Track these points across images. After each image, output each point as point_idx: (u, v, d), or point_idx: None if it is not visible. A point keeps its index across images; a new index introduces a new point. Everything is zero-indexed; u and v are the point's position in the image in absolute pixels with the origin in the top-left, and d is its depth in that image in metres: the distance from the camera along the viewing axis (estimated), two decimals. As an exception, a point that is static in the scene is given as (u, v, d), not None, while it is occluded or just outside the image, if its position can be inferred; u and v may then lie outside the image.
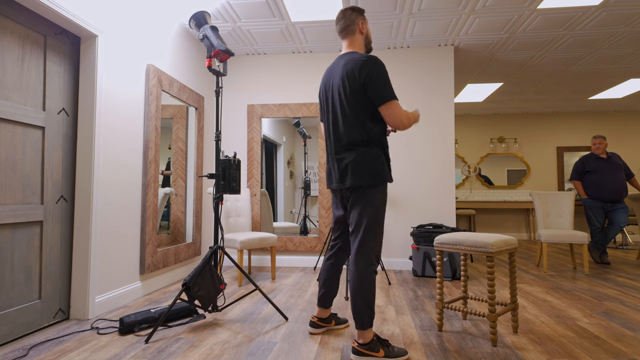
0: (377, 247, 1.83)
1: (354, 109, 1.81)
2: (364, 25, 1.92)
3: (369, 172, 1.79)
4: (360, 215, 1.81)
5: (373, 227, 1.80)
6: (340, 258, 2.09)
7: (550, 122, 7.24)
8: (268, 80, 4.36)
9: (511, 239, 2.09)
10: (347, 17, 1.90)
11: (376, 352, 1.76)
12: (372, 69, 1.74)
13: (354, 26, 1.90)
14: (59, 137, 2.32)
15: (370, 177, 1.79)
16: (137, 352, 1.87)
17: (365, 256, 1.79)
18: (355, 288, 1.79)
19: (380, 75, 1.74)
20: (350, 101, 1.81)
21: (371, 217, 1.80)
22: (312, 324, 2.12)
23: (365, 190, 1.81)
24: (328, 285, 2.08)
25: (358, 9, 1.93)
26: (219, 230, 3.04)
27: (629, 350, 1.91)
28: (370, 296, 1.78)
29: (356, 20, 1.90)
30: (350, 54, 1.87)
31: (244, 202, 3.83)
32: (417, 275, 3.70)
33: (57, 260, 2.29)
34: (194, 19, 2.37)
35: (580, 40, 3.93)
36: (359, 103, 1.80)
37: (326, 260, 2.11)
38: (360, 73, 1.76)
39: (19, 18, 2.05)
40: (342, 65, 1.86)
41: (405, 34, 3.83)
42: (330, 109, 1.92)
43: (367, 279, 1.78)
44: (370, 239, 1.80)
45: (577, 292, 3.10)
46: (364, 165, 1.79)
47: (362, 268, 1.78)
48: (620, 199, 4.27)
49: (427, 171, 4.10)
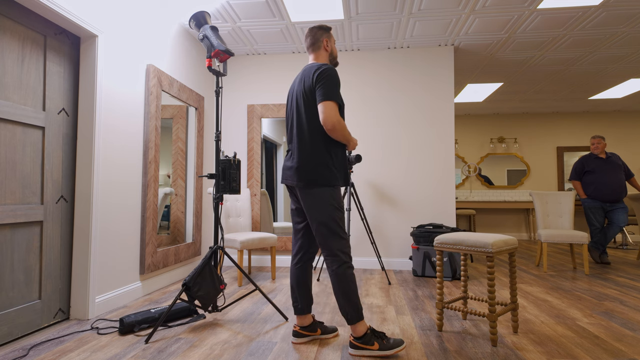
0: (342, 245, 1.87)
1: (306, 112, 1.91)
2: (328, 43, 2.06)
3: (313, 174, 1.86)
4: (315, 217, 1.87)
5: (331, 226, 1.86)
6: (305, 256, 2.04)
7: (550, 122, 7.24)
8: (268, 80, 4.36)
9: (511, 239, 2.09)
10: (313, 35, 2.05)
11: (371, 345, 1.82)
12: (324, 73, 1.86)
13: (319, 43, 2.04)
14: (59, 137, 2.32)
15: (314, 180, 1.86)
16: (137, 352, 1.87)
17: (333, 255, 1.86)
18: (335, 288, 1.86)
19: (329, 80, 1.85)
20: (304, 103, 1.92)
21: (325, 217, 1.85)
22: (295, 333, 2.02)
23: (313, 192, 1.87)
24: (300, 289, 2.02)
25: (325, 27, 2.06)
26: (219, 230, 3.04)
27: (629, 350, 1.92)
28: (350, 292, 1.83)
29: (321, 38, 2.04)
30: (311, 63, 2.00)
31: (244, 202, 3.83)
32: (417, 275, 3.70)
33: (57, 260, 2.29)
34: (194, 19, 2.37)
35: (580, 40, 3.93)
36: (310, 106, 1.90)
37: (292, 263, 2.06)
38: (314, 75, 1.88)
39: (19, 18, 2.05)
40: (302, 72, 2.00)
41: (405, 34, 3.83)
42: (291, 112, 2.03)
43: (343, 277, 1.84)
44: (332, 238, 1.86)
45: (577, 292, 3.10)
46: (309, 167, 1.87)
47: (334, 267, 1.85)
48: (619, 199, 4.27)
49: (427, 171, 4.10)
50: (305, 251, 2.04)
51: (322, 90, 1.84)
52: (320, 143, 1.89)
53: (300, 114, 1.93)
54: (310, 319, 2.03)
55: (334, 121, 1.81)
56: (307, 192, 1.88)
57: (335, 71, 1.89)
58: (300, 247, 2.04)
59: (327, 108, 1.82)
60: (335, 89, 1.85)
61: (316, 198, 1.86)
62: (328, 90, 1.83)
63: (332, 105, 1.82)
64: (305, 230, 2.04)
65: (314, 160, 1.87)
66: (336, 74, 1.89)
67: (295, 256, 2.05)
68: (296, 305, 2.02)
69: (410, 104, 4.17)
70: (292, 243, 2.10)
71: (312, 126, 1.89)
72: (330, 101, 1.82)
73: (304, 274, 2.04)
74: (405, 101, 4.18)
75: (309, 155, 1.88)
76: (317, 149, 1.88)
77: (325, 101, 1.82)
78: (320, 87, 1.85)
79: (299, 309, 2.01)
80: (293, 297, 2.03)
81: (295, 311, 2.02)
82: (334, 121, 1.81)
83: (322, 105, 1.83)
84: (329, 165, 1.88)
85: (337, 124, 1.82)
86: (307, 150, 1.89)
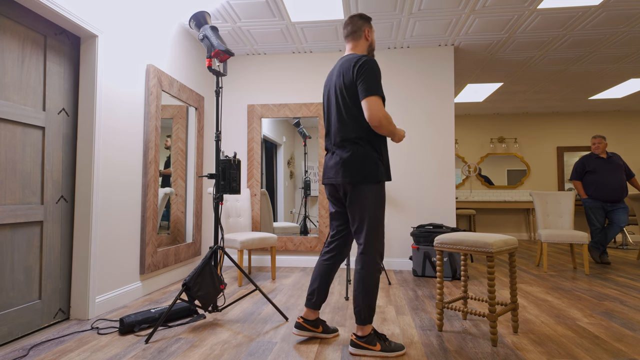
0: (380, 245, 1.85)
1: (349, 106, 1.85)
2: (369, 32, 1.98)
3: (360, 169, 1.81)
4: (359, 214, 1.83)
5: (373, 225, 1.82)
6: (337, 256, 2.02)
7: (550, 122, 7.24)
8: (268, 80, 4.36)
9: (511, 239, 2.09)
10: (354, 23, 1.96)
11: (373, 346, 1.81)
12: (365, 65, 1.79)
13: (360, 32, 1.96)
14: (59, 137, 2.32)
15: (361, 175, 1.81)
16: (137, 352, 1.87)
17: (369, 255, 1.82)
18: (359, 286, 1.82)
19: (371, 73, 1.78)
20: (345, 98, 1.85)
21: (369, 215, 1.82)
22: (297, 325, 2.01)
23: (358, 188, 1.82)
24: (320, 284, 2.00)
25: (366, 16, 1.99)
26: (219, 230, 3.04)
27: (629, 350, 1.91)
28: (372, 296, 1.82)
29: (363, 27, 1.96)
30: (350, 54, 1.92)
31: (244, 202, 3.83)
32: (417, 275, 3.70)
33: (57, 260, 2.29)
34: (194, 19, 2.37)
35: (580, 40, 3.93)
36: (353, 100, 1.84)
37: (322, 258, 2.03)
38: (354, 68, 1.81)
39: (19, 18, 2.05)
40: (340, 65, 1.92)
41: (405, 34, 3.83)
42: (328, 107, 1.98)
43: (371, 279, 1.81)
44: (372, 238, 1.82)
45: (577, 292, 3.10)
46: (356, 162, 1.82)
47: (367, 267, 1.82)
48: (620, 199, 4.27)
49: (427, 171, 4.10)
50: (339, 252, 2.02)
51: (364, 85, 1.77)
52: (365, 139, 1.83)
53: (341, 110, 1.87)
54: (317, 314, 2.05)
55: (380, 117, 1.75)
56: (354, 189, 1.83)
57: (376, 62, 1.81)
58: (335, 247, 2.02)
59: (372, 103, 1.75)
60: (378, 83, 1.78)
61: (362, 195, 1.82)
62: (371, 85, 1.76)
63: (377, 100, 1.76)
64: (345, 233, 2.01)
65: (360, 157, 1.82)
66: (377, 65, 1.81)
67: (327, 253, 2.03)
68: (310, 299, 2.01)
69: (410, 103, 4.17)
70: (327, 239, 2.06)
71: (356, 122, 1.83)
72: (374, 96, 1.76)
73: (330, 272, 2.02)
74: (406, 101, 4.18)
75: (354, 152, 1.83)
76: (362, 145, 1.83)
77: (370, 96, 1.75)
78: (362, 81, 1.77)
79: (312, 302, 2.00)
80: (310, 290, 2.02)
81: (307, 304, 2.01)
82: (381, 117, 1.75)
83: (367, 101, 1.76)
84: (375, 160, 1.82)
85: (383, 120, 1.76)
86: (351, 147, 1.84)
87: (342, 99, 1.86)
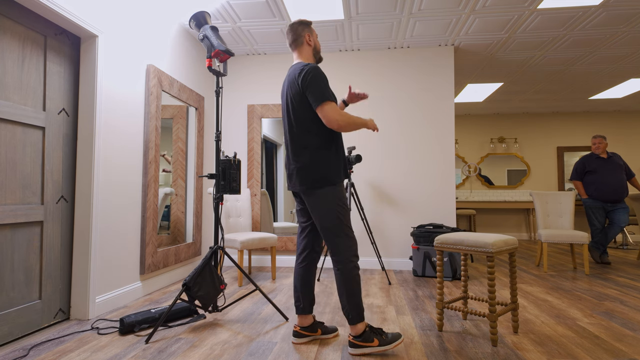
0: (351, 243, 1.87)
1: (299, 115, 1.89)
2: (310, 37, 2.02)
3: (315, 176, 1.85)
4: (322, 219, 1.87)
5: (338, 226, 1.85)
6: (310, 255, 2.02)
7: (550, 122, 7.24)
8: (268, 80, 4.36)
9: (511, 239, 2.09)
10: (294, 31, 2.00)
11: (370, 342, 1.83)
12: (309, 75, 1.83)
13: (301, 39, 2.00)
14: (59, 137, 2.32)
15: (317, 181, 1.85)
16: (137, 352, 1.87)
17: (341, 255, 1.85)
18: (339, 287, 1.86)
19: (315, 81, 1.82)
20: (295, 107, 1.90)
21: (331, 217, 1.85)
22: (295, 333, 2.00)
23: (316, 193, 1.86)
24: (303, 289, 2.00)
25: (305, 22, 2.02)
26: (219, 230, 3.04)
27: (629, 350, 1.91)
28: (355, 294, 1.84)
29: (302, 33, 2.00)
30: (295, 64, 1.97)
31: (244, 202, 3.83)
32: (417, 275, 3.70)
33: (57, 261, 2.29)
34: (194, 19, 2.37)
35: (580, 40, 3.92)
36: (302, 108, 1.88)
37: (297, 261, 2.05)
38: (299, 79, 1.85)
39: (19, 18, 2.05)
40: (288, 75, 1.98)
41: (405, 34, 3.83)
42: (284, 116, 2.01)
43: (348, 277, 1.83)
44: (341, 238, 1.85)
45: (577, 292, 3.10)
46: (310, 169, 1.86)
47: (342, 268, 1.84)
48: (620, 198, 4.27)
49: (428, 171, 4.10)
50: (311, 250, 2.03)
51: (313, 95, 1.81)
52: (315, 145, 1.87)
53: (291, 119, 1.92)
54: (311, 319, 2.03)
55: (337, 120, 1.80)
56: (310, 194, 1.87)
57: (318, 69, 1.85)
58: (305, 246, 2.03)
59: (326, 110, 1.80)
60: (325, 88, 1.82)
61: (320, 199, 1.85)
62: (318, 93, 1.81)
63: (329, 105, 1.80)
64: (310, 229, 2.02)
65: (312, 161, 1.86)
66: (320, 71, 1.85)
67: (300, 255, 2.04)
68: (298, 305, 2.01)
69: (410, 104, 4.17)
70: (297, 242, 2.08)
71: (303, 128, 1.88)
72: (325, 102, 1.80)
73: (308, 273, 2.02)
74: (406, 101, 4.18)
75: (306, 158, 1.87)
76: (314, 151, 1.86)
77: (321, 104, 1.80)
78: (310, 92, 1.82)
79: (300, 308, 2.00)
80: (295, 297, 2.02)
81: (297, 311, 2.01)
82: (338, 119, 1.80)
83: (320, 110, 1.81)
84: (327, 162, 1.86)
85: (341, 122, 1.80)
86: (303, 153, 1.88)
87: (292, 108, 1.91)
